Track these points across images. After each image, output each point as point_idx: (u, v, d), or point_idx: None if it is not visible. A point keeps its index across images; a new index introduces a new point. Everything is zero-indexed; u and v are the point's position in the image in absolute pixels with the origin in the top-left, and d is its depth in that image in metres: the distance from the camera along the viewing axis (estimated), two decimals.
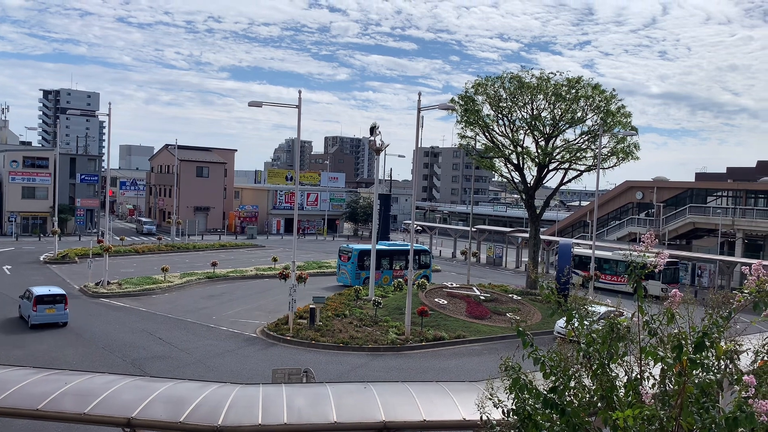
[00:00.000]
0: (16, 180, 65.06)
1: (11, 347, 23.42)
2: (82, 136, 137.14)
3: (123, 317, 29.54)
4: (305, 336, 25.87)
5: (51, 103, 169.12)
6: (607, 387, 5.38)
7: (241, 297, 35.91)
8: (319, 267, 46.94)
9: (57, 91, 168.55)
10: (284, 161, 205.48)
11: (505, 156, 38.31)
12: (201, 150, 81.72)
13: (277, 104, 32.56)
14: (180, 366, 21.98)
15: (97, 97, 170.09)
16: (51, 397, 10.62)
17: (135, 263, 46.20)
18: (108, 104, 38.48)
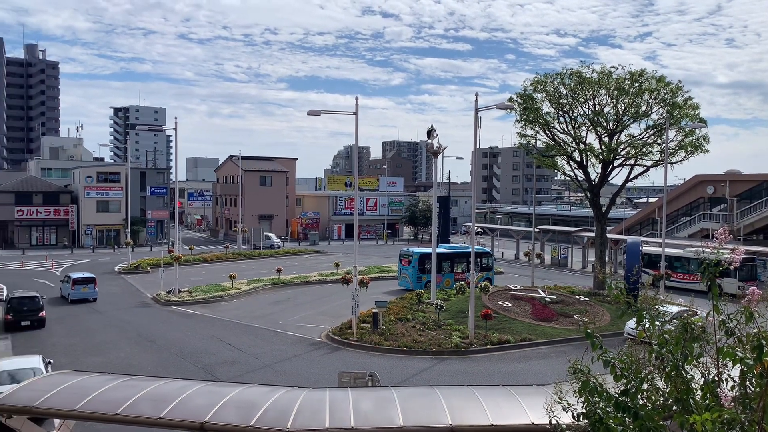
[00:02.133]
0: (91, 195, 68.32)
1: (91, 355, 24.56)
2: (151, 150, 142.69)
3: (194, 324, 30.51)
4: (369, 340, 26.03)
5: (121, 120, 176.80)
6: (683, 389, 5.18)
7: (305, 302, 36.48)
8: (380, 271, 47.17)
9: (126, 108, 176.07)
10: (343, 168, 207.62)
11: (567, 154, 37.51)
12: (263, 160, 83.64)
13: (335, 112, 33.09)
14: (249, 371, 22.51)
15: (163, 112, 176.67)
16: (129, 402, 11.06)
17: (204, 271, 47.67)
18: (174, 119, 39.93)
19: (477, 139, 27.62)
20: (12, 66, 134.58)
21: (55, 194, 69.62)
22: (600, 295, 33.49)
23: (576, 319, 29.37)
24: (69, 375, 13.14)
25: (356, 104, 27.06)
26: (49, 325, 29.36)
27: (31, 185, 69.73)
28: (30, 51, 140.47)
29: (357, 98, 27.12)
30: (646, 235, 55.94)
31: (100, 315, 32.45)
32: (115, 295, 38.58)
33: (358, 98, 27.22)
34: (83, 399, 11.19)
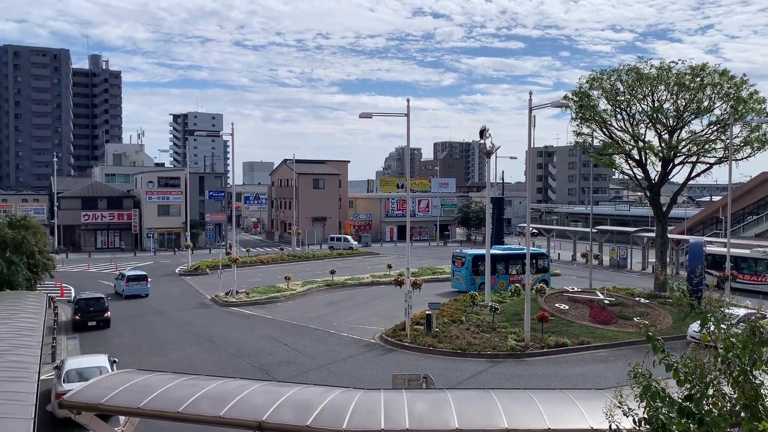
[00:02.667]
0: (152, 199, 70.69)
1: (153, 354, 25.38)
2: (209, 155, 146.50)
3: (251, 325, 31.14)
4: (423, 342, 25.98)
5: (180, 126, 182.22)
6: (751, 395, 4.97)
7: (358, 303, 36.72)
8: (432, 273, 47.03)
9: (185, 114, 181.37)
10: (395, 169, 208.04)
11: (625, 152, 36.51)
12: (316, 163, 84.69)
13: (387, 114, 33.29)
14: (304, 371, 22.81)
15: (220, 118, 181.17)
16: (190, 400, 11.39)
17: (260, 273, 48.60)
18: (231, 124, 40.95)
19: (531, 138, 27.23)
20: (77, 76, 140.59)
21: (119, 199, 72.37)
22: (661, 297, 32.46)
23: (636, 322, 28.55)
24: (133, 374, 13.63)
25: (407, 106, 27.12)
26: (114, 325, 30.50)
27: (96, 191, 72.69)
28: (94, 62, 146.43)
29: (408, 100, 27.19)
30: (709, 235, 53.90)
31: (161, 316, 33.51)
32: (176, 296, 39.77)
33: (410, 100, 27.31)
34: (147, 397, 11.59)
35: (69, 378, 18.20)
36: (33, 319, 19.26)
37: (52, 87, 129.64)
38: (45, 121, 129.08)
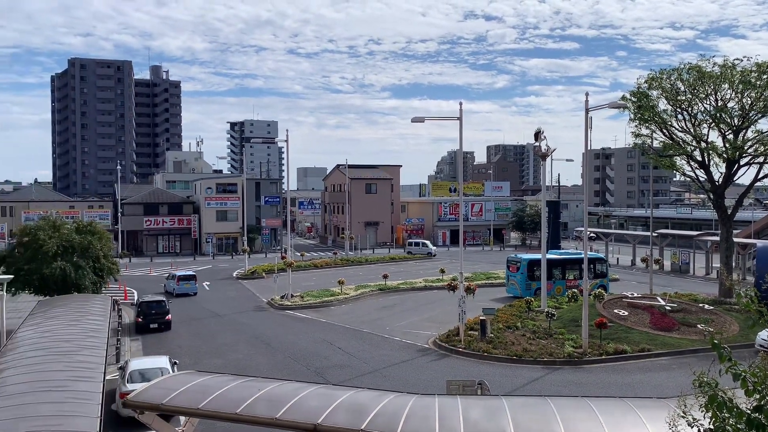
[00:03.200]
0: (211, 205, 72.62)
1: (212, 356, 26.00)
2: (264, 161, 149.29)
3: (305, 328, 31.54)
4: (477, 348, 25.72)
5: (237, 134, 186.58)
6: None
7: (411, 308, 36.68)
8: (486, 278, 46.55)
9: (241, 122, 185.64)
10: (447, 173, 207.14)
11: (687, 153, 35.27)
12: (369, 168, 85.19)
13: (439, 118, 33.01)
14: (358, 375, 22.93)
15: (275, 125, 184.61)
16: (247, 402, 11.60)
17: (314, 277, 49.17)
18: (285, 131, 41.78)
19: (588, 140, 26.65)
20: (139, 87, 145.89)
21: (179, 205, 74.64)
22: (727, 304, 31.16)
23: (700, 329, 27.49)
24: (193, 375, 13.99)
25: (460, 109, 26.97)
26: (175, 327, 31.40)
27: (158, 197, 75.17)
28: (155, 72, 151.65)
29: (461, 103, 27.03)
30: None
31: (219, 318, 34.31)
32: (234, 299, 40.66)
33: (462, 103, 27.11)
34: (206, 398, 11.88)
35: (132, 378, 18.84)
36: (99, 321, 20.03)
37: (116, 97, 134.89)
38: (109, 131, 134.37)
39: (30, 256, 28.95)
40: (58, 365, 14.39)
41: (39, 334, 18.14)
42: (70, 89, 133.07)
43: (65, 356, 15.23)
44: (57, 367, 14.17)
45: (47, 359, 14.93)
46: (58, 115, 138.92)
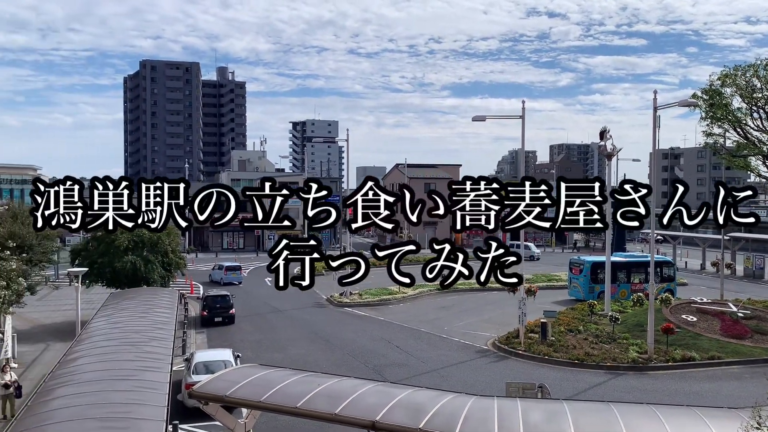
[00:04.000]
0: None
1: (273, 350, 26.57)
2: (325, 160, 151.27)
3: (364, 326, 31.79)
4: (537, 351, 25.30)
5: (299, 133, 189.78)
6: None
7: (470, 309, 36.41)
8: (548, 280, 45.69)
9: (303, 122, 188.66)
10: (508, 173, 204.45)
11: (762, 153, 33.59)
12: (428, 167, 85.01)
13: (500, 116, 32.59)
14: (416, 374, 22.94)
15: (336, 125, 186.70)
16: (307, 397, 11.81)
17: (373, 275, 49.19)
18: (346, 131, 42.22)
19: (656, 140, 25.77)
20: (206, 87, 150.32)
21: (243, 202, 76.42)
22: None
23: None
24: (255, 368, 14.33)
25: (523, 107, 26.61)
26: (238, 321, 32.23)
27: None
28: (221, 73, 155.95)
29: (524, 101, 26.68)
30: None
31: (280, 314, 35.01)
32: (294, 295, 41.23)
33: (525, 101, 26.72)
34: (267, 391, 12.15)
35: (197, 370, 19.47)
36: (166, 314, 20.78)
37: (184, 98, 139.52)
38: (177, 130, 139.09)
39: (103, 250, 30.28)
40: (129, 355, 15.01)
41: (111, 325, 18.97)
42: (142, 90, 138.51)
43: (135, 347, 15.87)
44: (127, 357, 14.79)
45: (118, 349, 15.59)
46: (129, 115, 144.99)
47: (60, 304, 36.58)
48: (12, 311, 23.25)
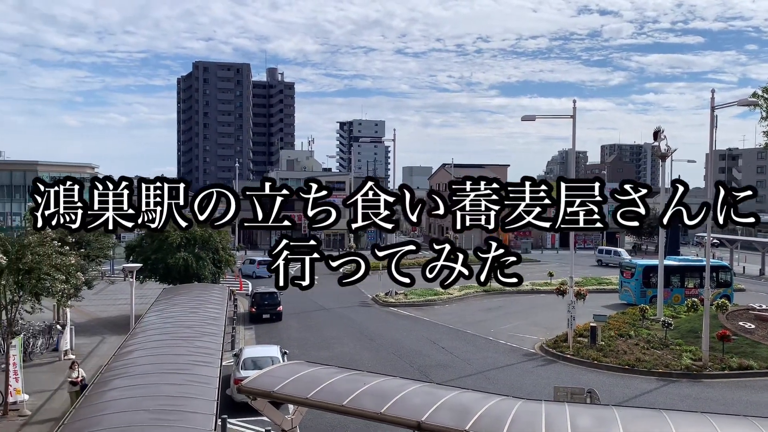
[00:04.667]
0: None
1: (319, 348, 26.82)
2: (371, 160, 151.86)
3: (409, 326, 31.77)
4: (586, 355, 24.81)
5: (345, 133, 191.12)
6: None
7: (517, 311, 35.97)
8: (598, 283, 44.74)
9: (350, 122, 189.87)
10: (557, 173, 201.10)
11: None
12: (475, 167, 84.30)
13: (551, 116, 32.08)
14: (461, 375, 22.81)
15: (382, 125, 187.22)
16: (353, 395, 11.87)
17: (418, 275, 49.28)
18: (393, 130, 42.44)
19: (713, 140, 24.94)
20: (256, 88, 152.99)
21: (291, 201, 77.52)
22: None
23: None
24: (302, 365, 14.50)
25: (574, 107, 26.15)
26: (285, 318, 32.68)
27: None
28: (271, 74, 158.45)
29: (575, 101, 26.19)
30: None
31: (327, 312, 35.33)
32: (340, 294, 41.53)
33: (576, 101, 26.24)
34: (314, 388, 12.28)
35: (245, 365, 19.82)
36: (217, 310, 21.24)
37: (235, 98, 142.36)
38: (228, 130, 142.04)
39: (156, 247, 31.16)
40: (180, 349, 15.40)
41: (163, 320, 19.51)
42: (194, 91, 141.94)
43: (186, 341, 16.28)
44: (179, 352, 15.17)
45: (171, 343, 16.02)
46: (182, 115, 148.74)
47: (115, 298, 37.86)
48: (71, 305, 24.16)
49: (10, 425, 17.51)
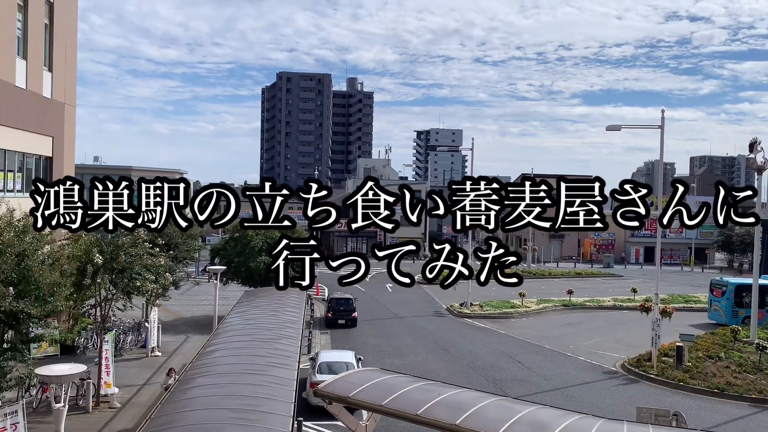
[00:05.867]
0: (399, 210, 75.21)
1: (393, 356, 26.87)
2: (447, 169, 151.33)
3: (484, 338, 31.33)
4: (671, 376, 23.65)
5: (422, 142, 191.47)
6: None
7: (598, 327, 34.78)
8: (685, 301, 42.62)
9: (427, 131, 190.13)
10: None
11: None
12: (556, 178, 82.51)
13: (637, 126, 30.97)
14: (538, 391, 22.25)
15: (460, 134, 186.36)
16: (427, 405, 11.82)
17: (494, 287, 48.40)
18: (471, 139, 42.14)
19: None
20: (336, 98, 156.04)
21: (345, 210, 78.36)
22: None
23: None
24: (377, 372, 14.58)
25: (662, 117, 25.14)
26: (360, 324, 32.97)
27: None
28: (351, 84, 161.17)
29: (663, 110, 25.15)
30: None
31: (400, 320, 35.38)
32: (414, 302, 41.66)
33: (664, 110, 25.23)
34: (388, 396, 12.31)
35: (321, 370, 20.13)
36: (295, 313, 21.69)
37: (316, 108, 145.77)
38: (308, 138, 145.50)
39: (239, 251, 32.21)
40: (260, 351, 15.82)
41: (244, 322, 20.12)
42: (278, 100, 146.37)
43: (266, 343, 16.70)
44: (259, 353, 15.59)
45: (251, 344, 16.49)
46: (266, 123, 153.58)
47: (199, 298, 39.39)
48: (158, 304, 25.34)
49: (101, 416, 18.52)
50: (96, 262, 17.99)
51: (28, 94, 22.80)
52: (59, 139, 25.43)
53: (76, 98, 27.33)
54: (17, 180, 22.83)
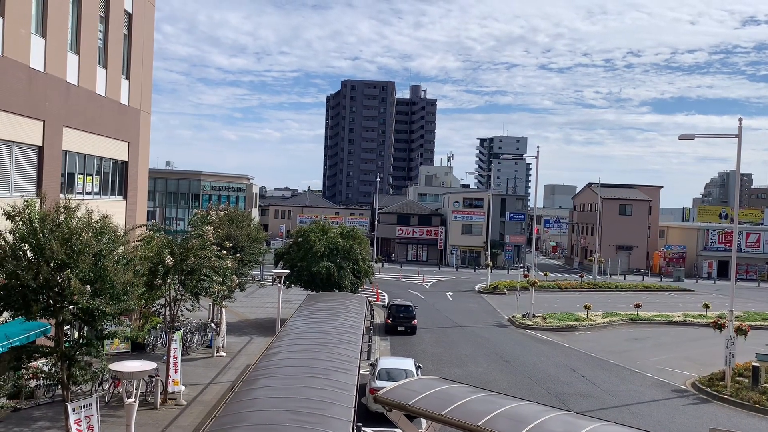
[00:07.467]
0: (457, 218, 74.81)
1: (452, 365, 26.65)
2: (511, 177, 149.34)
3: (547, 350, 30.66)
4: (746, 397, 22.48)
5: (485, 150, 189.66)
6: None
7: (667, 343, 33.48)
8: (762, 319, 40.46)
9: (490, 138, 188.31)
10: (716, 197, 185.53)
11: None
12: (623, 188, 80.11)
13: (712, 135, 29.69)
14: (602, 407, 21.58)
15: (524, 141, 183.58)
16: (488, 416, 11.63)
17: (558, 299, 47.58)
18: (536, 147, 41.37)
19: None
20: (399, 105, 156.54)
21: (428, 217, 78.26)
22: None
23: None
24: (436, 381, 14.47)
25: (739, 125, 24.04)
26: (420, 332, 32.87)
27: (410, 208, 79.71)
28: (413, 91, 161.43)
29: (740, 119, 24.10)
30: None
31: (461, 329, 35.06)
32: (474, 312, 41.24)
33: (741, 119, 24.12)
34: (448, 405, 12.20)
35: (380, 376, 20.16)
36: (355, 319, 21.82)
37: (379, 115, 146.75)
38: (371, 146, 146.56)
39: (302, 255, 32.74)
40: (321, 354, 15.98)
41: (306, 325, 20.38)
42: (341, 108, 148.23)
43: (327, 347, 16.87)
44: (320, 357, 15.76)
45: (313, 348, 16.69)
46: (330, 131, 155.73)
47: (263, 301, 40.24)
48: (225, 305, 26.03)
49: (168, 412, 19.15)
50: (167, 263, 18.62)
51: (107, 101, 23.96)
52: (135, 144, 26.58)
53: (151, 105, 28.54)
54: (95, 183, 23.96)
